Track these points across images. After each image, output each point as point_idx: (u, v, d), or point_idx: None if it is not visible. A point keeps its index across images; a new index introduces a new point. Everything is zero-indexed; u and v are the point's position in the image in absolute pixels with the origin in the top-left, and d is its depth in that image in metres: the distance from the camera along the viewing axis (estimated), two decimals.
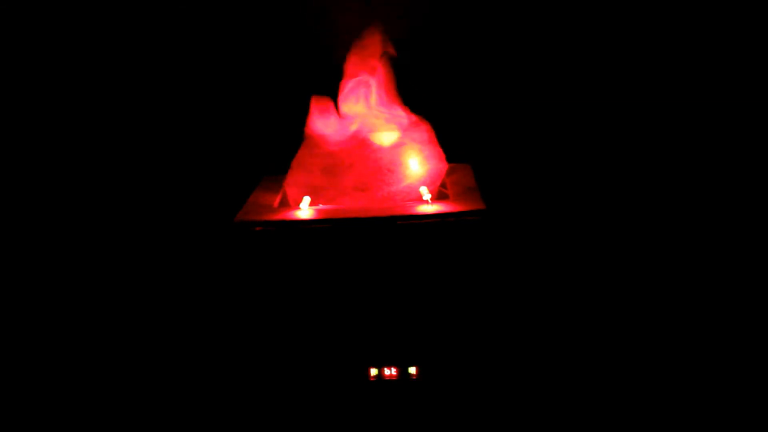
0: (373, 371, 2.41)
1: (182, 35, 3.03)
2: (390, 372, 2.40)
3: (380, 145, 2.57)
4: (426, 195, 2.43)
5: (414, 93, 2.67)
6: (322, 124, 2.62)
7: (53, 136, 3.10)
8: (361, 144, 2.57)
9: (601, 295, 2.88)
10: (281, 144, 2.71)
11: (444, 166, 2.60)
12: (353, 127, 2.61)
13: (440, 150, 2.59)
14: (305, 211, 2.41)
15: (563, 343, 2.68)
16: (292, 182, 2.58)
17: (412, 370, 2.40)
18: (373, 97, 2.63)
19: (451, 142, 2.67)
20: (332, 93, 2.68)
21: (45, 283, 3.03)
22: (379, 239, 2.32)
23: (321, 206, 2.48)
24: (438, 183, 2.59)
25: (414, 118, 2.61)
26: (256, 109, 3.11)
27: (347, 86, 2.66)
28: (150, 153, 3.13)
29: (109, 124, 3.11)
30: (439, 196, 2.55)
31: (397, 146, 2.57)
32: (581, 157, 3.10)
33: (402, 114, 2.62)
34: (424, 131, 2.59)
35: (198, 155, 3.14)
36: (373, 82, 2.63)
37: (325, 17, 2.97)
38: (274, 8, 3.01)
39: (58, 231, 3.10)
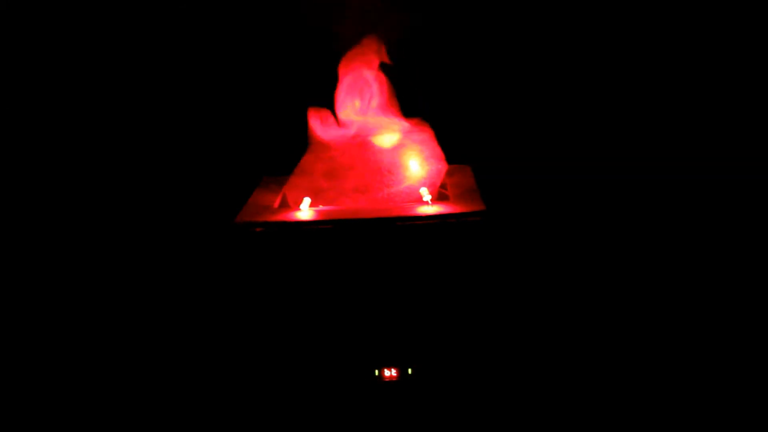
0: (374, 372, 2.41)
1: (183, 37, 3.03)
2: (390, 373, 2.40)
3: (381, 147, 2.57)
4: (426, 196, 2.44)
5: (414, 94, 2.67)
6: (323, 131, 2.63)
7: (54, 137, 3.10)
8: (361, 146, 2.58)
9: (600, 295, 2.88)
10: (281, 145, 2.72)
11: (444, 166, 2.60)
12: (352, 131, 2.61)
13: (440, 150, 2.60)
14: (305, 212, 2.41)
15: (563, 344, 2.69)
16: (293, 185, 2.58)
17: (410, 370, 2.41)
18: (373, 103, 2.63)
19: (451, 144, 2.67)
20: (331, 94, 2.68)
21: (46, 284, 3.02)
22: (380, 240, 2.32)
23: (321, 207, 2.48)
24: (438, 184, 2.60)
25: (411, 122, 2.62)
26: (257, 110, 3.11)
27: (341, 93, 2.66)
28: (151, 154, 3.13)
29: (110, 125, 3.11)
30: (439, 197, 2.56)
31: (397, 147, 2.57)
32: (580, 158, 3.10)
33: (398, 120, 2.63)
34: (424, 132, 2.60)
35: (198, 156, 3.14)
36: (372, 90, 2.63)
37: (324, 19, 2.97)
38: (274, 11, 3.01)
39: (59, 232, 3.10)
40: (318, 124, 2.63)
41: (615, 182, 3.10)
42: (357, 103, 2.63)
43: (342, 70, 2.66)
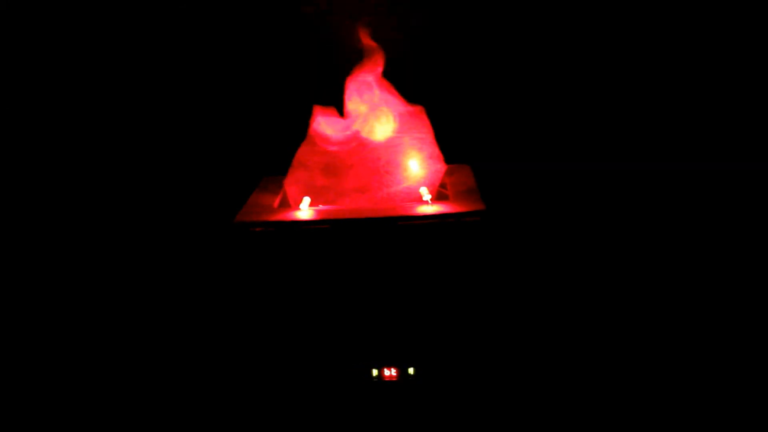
0: (373, 372, 2.41)
1: (183, 36, 3.04)
2: (390, 373, 2.40)
3: (379, 145, 2.57)
4: (426, 196, 2.44)
5: (414, 95, 2.68)
6: (326, 125, 2.63)
7: (54, 138, 3.10)
8: (360, 145, 2.58)
9: (600, 296, 2.88)
10: (281, 144, 2.72)
11: (443, 167, 2.60)
12: (356, 126, 2.61)
13: (439, 151, 2.60)
14: (305, 211, 2.41)
15: (562, 344, 2.69)
16: (292, 181, 2.58)
17: (412, 370, 2.40)
18: (376, 94, 2.64)
19: (451, 143, 2.68)
20: (331, 95, 2.68)
21: (46, 284, 3.03)
22: (380, 240, 2.32)
23: (321, 207, 2.48)
24: (437, 184, 2.60)
25: (410, 108, 2.63)
26: (256, 110, 3.12)
27: (350, 85, 2.66)
28: (150, 154, 3.13)
29: (109, 125, 3.11)
30: (438, 197, 2.56)
31: (396, 147, 2.57)
32: (580, 158, 3.10)
33: (398, 103, 2.63)
34: (422, 132, 2.60)
35: (198, 156, 3.14)
36: (372, 78, 2.64)
37: (324, 18, 2.97)
38: (274, 9, 3.01)
39: (58, 232, 3.10)
40: (322, 118, 2.63)
41: (616, 182, 3.10)
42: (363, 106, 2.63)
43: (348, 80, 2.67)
